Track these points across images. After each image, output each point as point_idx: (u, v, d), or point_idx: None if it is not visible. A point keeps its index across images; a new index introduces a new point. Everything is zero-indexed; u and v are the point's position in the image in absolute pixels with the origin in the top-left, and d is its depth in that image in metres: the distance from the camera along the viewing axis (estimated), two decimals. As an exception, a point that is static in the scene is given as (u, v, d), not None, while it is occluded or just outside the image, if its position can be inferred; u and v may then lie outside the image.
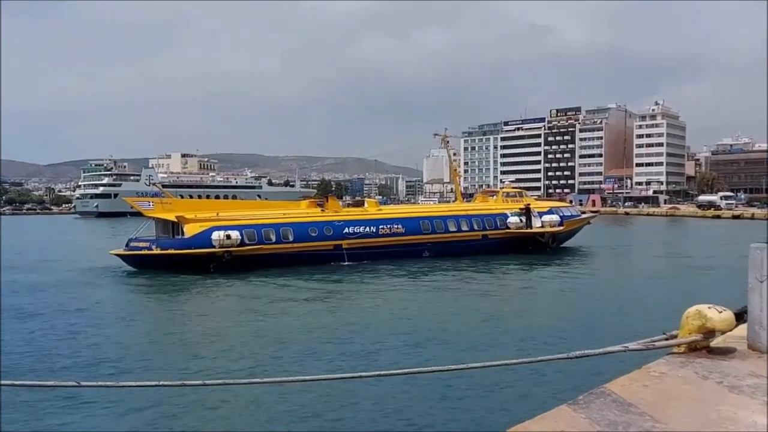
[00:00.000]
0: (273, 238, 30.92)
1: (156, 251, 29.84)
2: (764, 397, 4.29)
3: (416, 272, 28.76)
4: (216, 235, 29.11)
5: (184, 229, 29.98)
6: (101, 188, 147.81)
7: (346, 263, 31.48)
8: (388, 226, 34.35)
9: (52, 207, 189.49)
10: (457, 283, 25.87)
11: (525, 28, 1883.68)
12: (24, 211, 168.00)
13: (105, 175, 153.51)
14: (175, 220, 30.30)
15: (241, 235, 29.86)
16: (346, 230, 32.99)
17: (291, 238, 31.32)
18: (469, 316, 18.67)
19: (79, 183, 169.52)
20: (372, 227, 33.77)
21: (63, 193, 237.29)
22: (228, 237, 29.20)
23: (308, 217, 33.42)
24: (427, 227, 35.64)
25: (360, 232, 33.28)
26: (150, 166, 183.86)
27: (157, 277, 27.52)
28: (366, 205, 39.17)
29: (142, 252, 30.18)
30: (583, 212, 48.47)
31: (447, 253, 34.52)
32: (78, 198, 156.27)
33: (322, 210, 34.72)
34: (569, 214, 42.22)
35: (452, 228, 36.33)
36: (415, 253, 34.03)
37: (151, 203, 32.30)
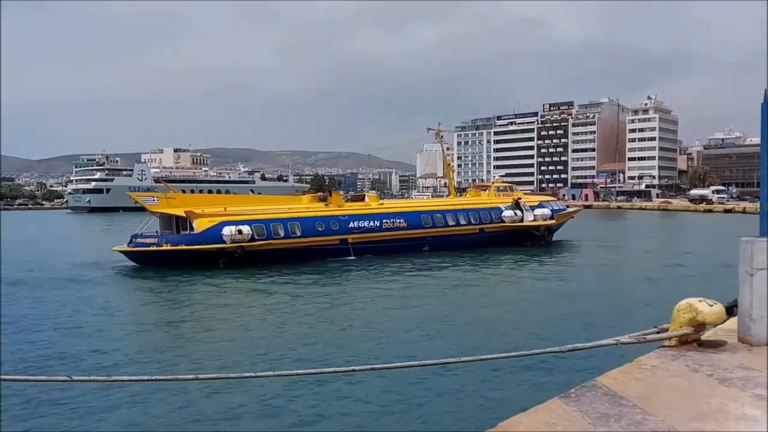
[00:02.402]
0: (281, 233, 30.62)
1: (166, 247, 29.12)
2: (754, 389, 4.32)
3: (420, 267, 28.73)
4: (227, 231, 28.57)
5: (194, 225, 29.39)
6: (93, 183, 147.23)
7: (352, 258, 31.29)
8: (391, 220, 34.44)
9: (44, 202, 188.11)
10: (455, 279, 25.89)
11: (518, 22, 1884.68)
12: (15, 206, 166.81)
13: (97, 170, 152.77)
14: (184, 215, 29.71)
15: (251, 230, 29.53)
16: (351, 225, 32.85)
17: (299, 233, 31.07)
18: (464, 311, 18.72)
19: (71, 178, 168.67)
20: (376, 221, 33.78)
21: (55, 189, 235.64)
22: (240, 232, 28.72)
23: (314, 212, 33.28)
24: (427, 221, 35.83)
25: (364, 226, 33.20)
26: (142, 161, 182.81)
27: (167, 274, 26.79)
28: (367, 199, 39.24)
29: (151, 248, 29.38)
30: (567, 206, 49.61)
31: (446, 247, 34.66)
32: (70, 193, 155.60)
33: (325, 204, 34.66)
34: (557, 207, 43.41)
35: (451, 222, 36.61)
36: (416, 247, 34.17)
37: (155, 198, 31.77)
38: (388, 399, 10.24)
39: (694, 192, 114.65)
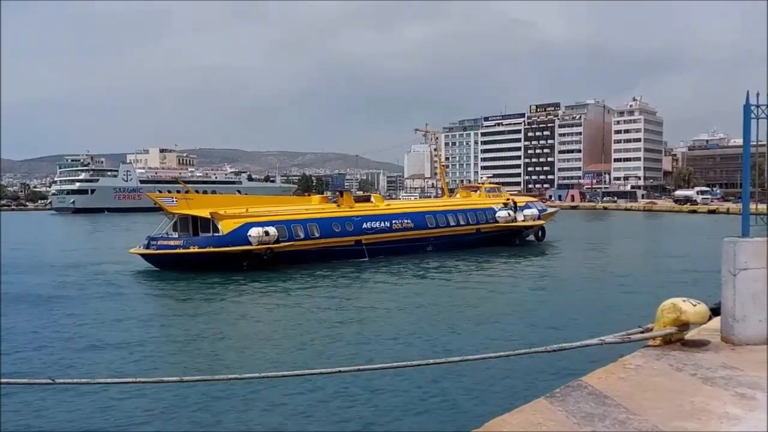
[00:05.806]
0: (301, 234, 30.51)
1: (193, 249, 28.37)
2: (737, 388, 4.37)
3: (433, 268, 28.97)
4: (254, 232, 28.06)
5: (219, 226, 28.78)
6: (78, 184, 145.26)
7: (366, 259, 31.32)
8: (400, 221, 34.94)
9: (27, 203, 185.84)
10: (451, 279, 26.08)
11: (505, 22, 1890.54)
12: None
13: (82, 171, 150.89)
14: (207, 216, 29.05)
15: (276, 231, 29.18)
16: (365, 226, 33.11)
17: (317, 234, 31.05)
18: (454, 310, 18.76)
19: (55, 179, 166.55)
20: (386, 222, 34.18)
21: (38, 189, 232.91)
22: (266, 233, 28.28)
23: (330, 213, 33.49)
24: (431, 222, 36.44)
25: (376, 227, 33.53)
26: (128, 161, 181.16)
27: (193, 278, 26.06)
28: (373, 199, 39.58)
29: (177, 251, 28.61)
30: (547, 207, 51.29)
31: (446, 247, 35.29)
32: (54, 194, 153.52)
33: (337, 205, 34.93)
34: (541, 208, 44.78)
35: (452, 223, 37.35)
36: (422, 247, 34.81)
37: (174, 199, 31.19)
38: (375, 400, 10.24)
39: (679, 193, 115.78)
